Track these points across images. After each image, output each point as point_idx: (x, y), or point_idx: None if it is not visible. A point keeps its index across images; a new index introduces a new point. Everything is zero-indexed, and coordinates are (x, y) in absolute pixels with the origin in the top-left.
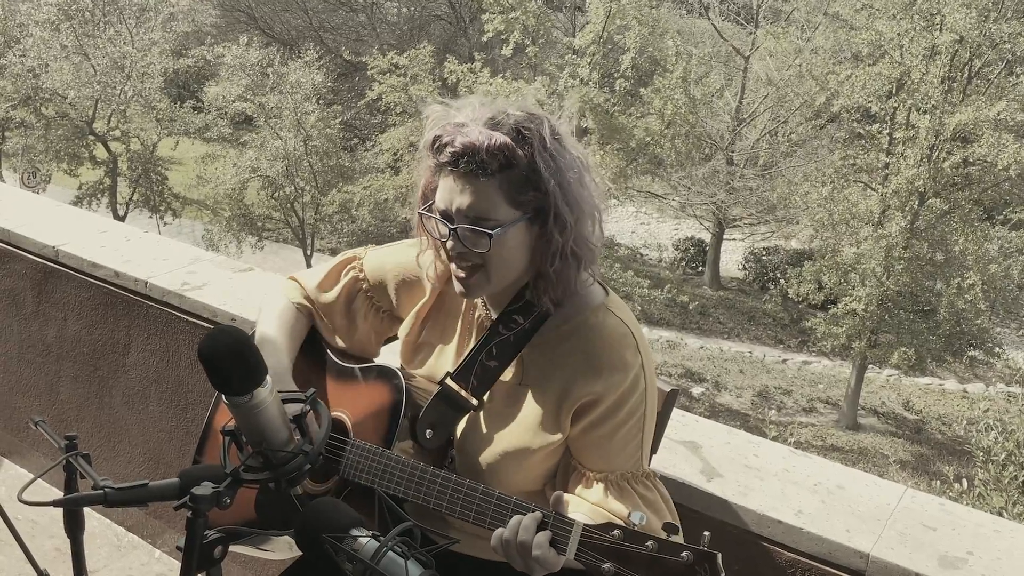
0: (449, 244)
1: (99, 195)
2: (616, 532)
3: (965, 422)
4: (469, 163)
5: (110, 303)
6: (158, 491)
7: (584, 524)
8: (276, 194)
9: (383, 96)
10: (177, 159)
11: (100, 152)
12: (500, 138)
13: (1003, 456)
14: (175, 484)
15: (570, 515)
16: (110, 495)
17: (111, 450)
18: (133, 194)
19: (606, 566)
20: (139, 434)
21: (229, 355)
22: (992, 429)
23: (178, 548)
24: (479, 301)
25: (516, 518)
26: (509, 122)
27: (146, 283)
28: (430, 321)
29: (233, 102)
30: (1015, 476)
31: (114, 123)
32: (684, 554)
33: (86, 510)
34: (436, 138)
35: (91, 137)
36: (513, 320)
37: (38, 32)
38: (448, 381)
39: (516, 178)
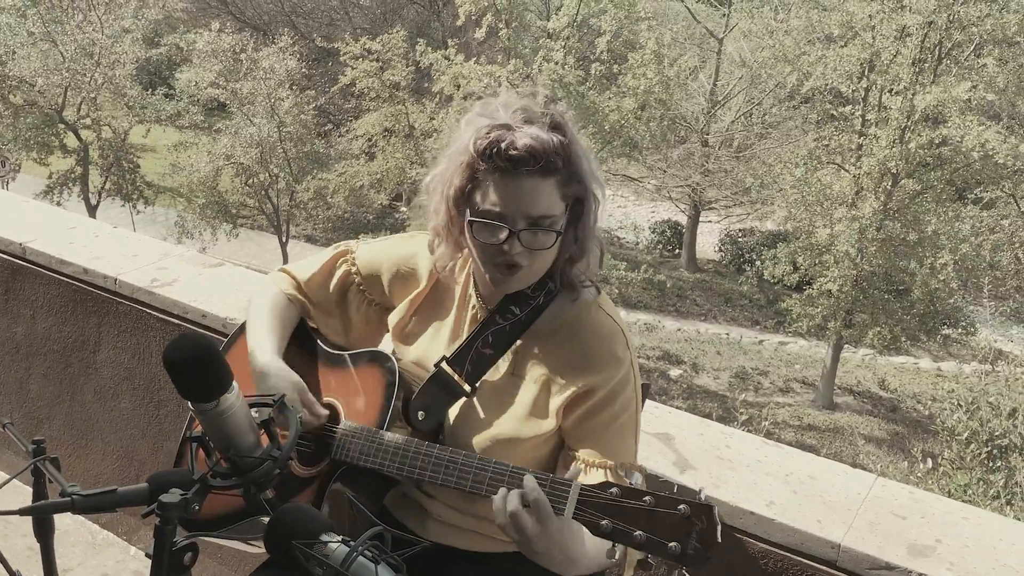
0: (508, 247)
1: (70, 184)
2: (614, 490)
3: (930, 401)
4: (534, 163)
5: (79, 300)
6: (127, 497)
7: (582, 484)
8: (250, 181)
9: (357, 81)
10: (149, 147)
11: (71, 141)
12: (558, 137)
13: (966, 435)
14: (144, 490)
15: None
16: (78, 502)
17: (83, 448)
18: (105, 183)
19: (604, 522)
20: (111, 432)
21: (194, 362)
22: (957, 409)
23: (147, 556)
24: (477, 296)
25: (510, 491)
26: (545, 119)
27: (115, 280)
28: (424, 309)
29: (206, 88)
30: (977, 453)
31: (85, 111)
32: (681, 507)
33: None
34: (490, 143)
35: (61, 125)
36: (510, 311)
37: (3, 19)
38: (443, 365)
39: (566, 173)
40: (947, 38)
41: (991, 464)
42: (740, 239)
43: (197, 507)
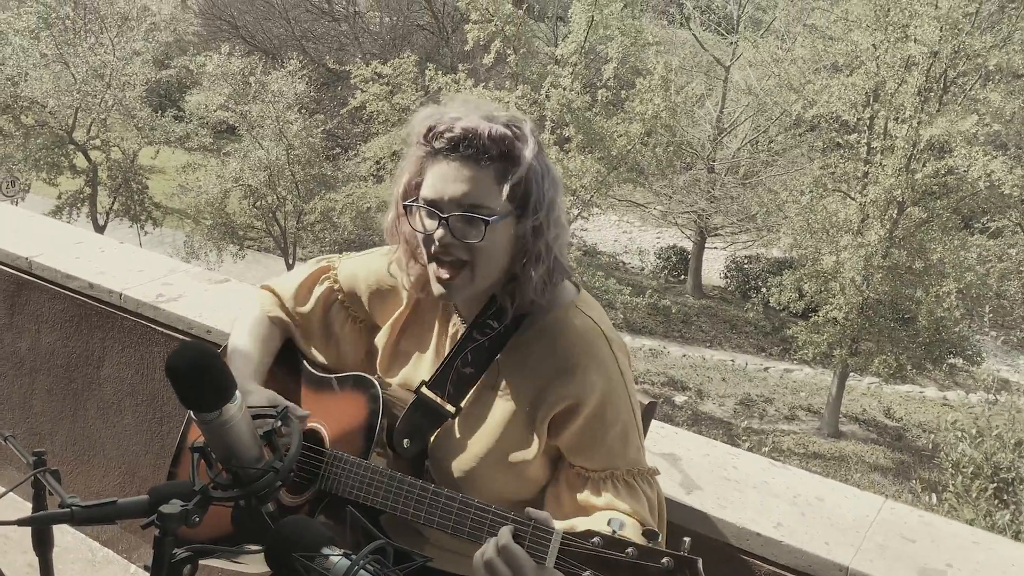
0: (438, 234)
1: (79, 204)
2: (596, 539)
3: (931, 435)
4: (468, 147)
5: (84, 315)
6: (127, 509)
7: (563, 532)
8: (258, 203)
9: (366, 105)
10: (158, 168)
11: (80, 161)
12: (500, 128)
13: (970, 469)
14: (144, 501)
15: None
16: (77, 513)
17: (85, 464)
18: (113, 203)
19: (586, 574)
20: (114, 448)
21: (196, 371)
22: (961, 441)
23: (146, 568)
24: (456, 313)
25: (492, 540)
26: (501, 119)
27: (120, 295)
28: (407, 331)
29: (215, 111)
30: (984, 488)
31: (94, 132)
32: (664, 560)
33: (63, 527)
34: (431, 128)
35: (71, 146)
36: (488, 326)
37: (17, 40)
38: (423, 390)
39: (511, 171)
40: (952, 68)
41: (998, 499)
42: (746, 266)
43: (198, 519)
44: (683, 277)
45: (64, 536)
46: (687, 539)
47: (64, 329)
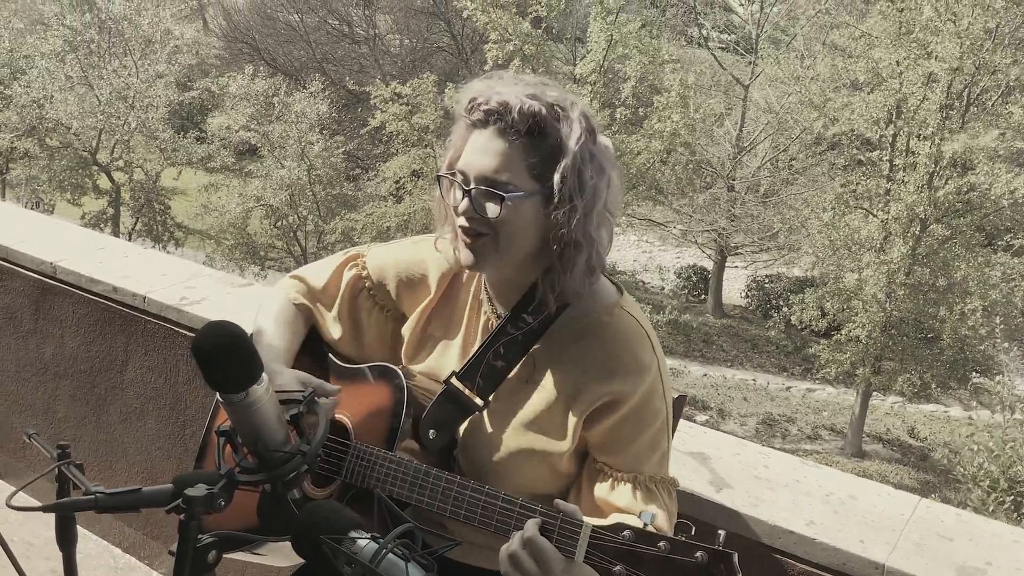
0: (462, 206)
1: (102, 225)
2: (626, 533)
3: (947, 450)
4: (499, 121)
5: (108, 319)
6: (151, 496)
7: (593, 525)
8: (279, 223)
9: (386, 125)
10: (180, 189)
11: (103, 182)
12: (535, 104)
13: (986, 483)
14: (168, 489)
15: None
16: (101, 500)
17: (108, 469)
18: (136, 224)
19: (617, 568)
20: (136, 452)
21: (223, 350)
22: (977, 455)
23: (170, 553)
24: (488, 303)
25: (518, 533)
26: (546, 98)
27: (144, 298)
28: (435, 318)
29: (237, 131)
30: (1001, 502)
31: (118, 153)
32: (698, 554)
33: (83, 532)
34: (472, 99)
35: (95, 167)
36: (522, 319)
37: (43, 63)
38: (453, 380)
39: (543, 149)
40: (974, 84)
41: (1017, 512)
42: (767, 285)
43: (223, 503)
44: (704, 296)
45: (87, 543)
46: (721, 532)
47: (88, 333)
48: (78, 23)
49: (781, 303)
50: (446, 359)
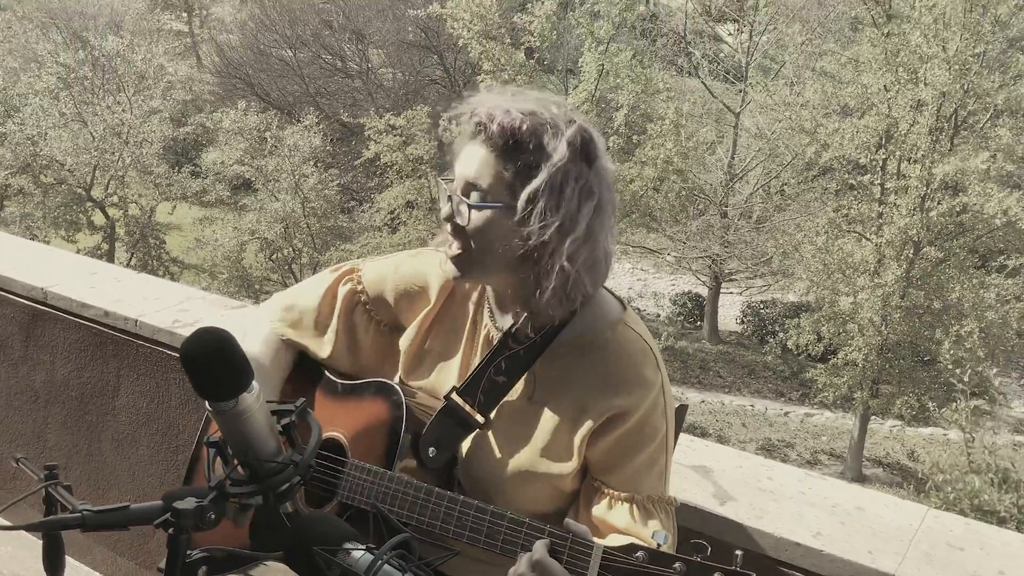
0: (444, 211)
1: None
2: (640, 554)
3: (937, 471)
4: (481, 132)
5: (100, 344)
6: (139, 513)
7: (605, 546)
8: (274, 256)
9: (380, 156)
10: (175, 224)
11: (98, 218)
12: (519, 120)
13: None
14: (158, 506)
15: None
16: (88, 518)
17: (100, 498)
18: (131, 259)
19: None
20: (128, 480)
21: (213, 356)
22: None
23: (159, 570)
24: (489, 316)
25: (526, 555)
26: (542, 115)
27: (136, 321)
28: (433, 331)
29: (231, 166)
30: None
31: (112, 189)
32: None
33: (74, 563)
34: (472, 109)
35: (89, 203)
36: (524, 334)
37: (38, 101)
38: (454, 396)
39: (519, 163)
40: (963, 107)
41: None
42: (762, 310)
43: (213, 516)
44: (699, 323)
45: (78, 573)
46: (739, 552)
47: (79, 359)
48: (72, 60)
49: (777, 328)
50: (446, 374)
